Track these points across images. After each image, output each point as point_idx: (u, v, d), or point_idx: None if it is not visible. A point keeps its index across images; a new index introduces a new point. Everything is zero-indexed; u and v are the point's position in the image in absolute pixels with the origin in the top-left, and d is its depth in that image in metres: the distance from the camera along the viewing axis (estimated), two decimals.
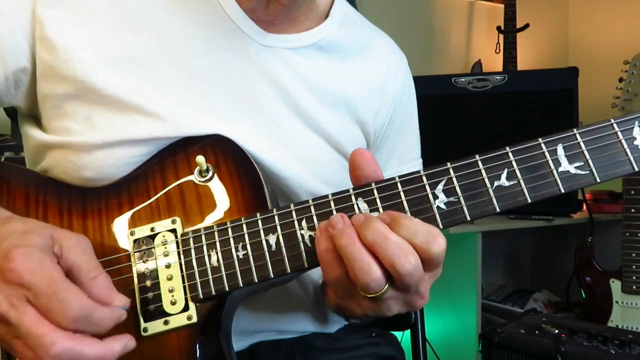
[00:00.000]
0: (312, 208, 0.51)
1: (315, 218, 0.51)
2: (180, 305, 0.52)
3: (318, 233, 0.49)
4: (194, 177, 0.57)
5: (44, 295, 0.42)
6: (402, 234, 0.46)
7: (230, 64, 0.63)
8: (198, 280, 0.52)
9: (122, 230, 0.55)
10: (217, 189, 0.56)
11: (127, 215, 0.56)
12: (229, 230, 0.53)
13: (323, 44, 0.69)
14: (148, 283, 0.53)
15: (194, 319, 0.52)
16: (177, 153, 0.58)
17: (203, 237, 0.53)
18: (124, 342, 0.46)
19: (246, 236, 0.52)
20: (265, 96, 0.64)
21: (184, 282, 0.53)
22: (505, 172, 0.49)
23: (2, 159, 1.21)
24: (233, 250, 0.52)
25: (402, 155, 0.79)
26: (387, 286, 0.46)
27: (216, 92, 0.62)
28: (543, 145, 0.49)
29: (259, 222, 0.52)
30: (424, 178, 0.50)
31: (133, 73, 0.59)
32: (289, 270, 0.51)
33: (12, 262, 0.42)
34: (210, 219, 0.55)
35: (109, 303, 0.45)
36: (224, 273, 0.52)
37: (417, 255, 0.45)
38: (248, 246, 0.52)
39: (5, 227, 0.46)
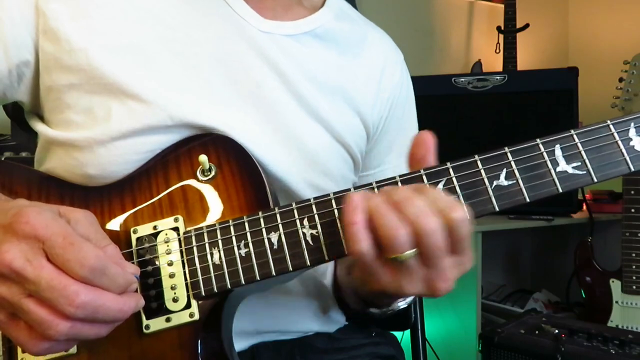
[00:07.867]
0: (314, 207, 0.52)
1: (316, 217, 0.52)
2: (182, 302, 0.53)
3: (345, 206, 0.47)
4: (197, 176, 0.57)
5: (60, 247, 0.42)
6: (424, 199, 0.46)
7: (229, 51, 0.64)
8: (200, 277, 0.53)
9: (124, 228, 0.56)
10: (220, 188, 0.57)
11: (130, 213, 0.57)
12: (231, 228, 0.53)
13: (320, 32, 0.70)
14: (150, 280, 0.53)
15: (196, 316, 0.53)
16: (179, 152, 0.58)
17: (205, 235, 0.54)
18: (137, 299, 0.46)
19: (248, 234, 0.53)
20: (265, 83, 0.65)
21: (186, 280, 0.53)
22: (504, 171, 0.50)
23: (2, 159, 1.21)
24: (235, 248, 0.53)
25: (401, 150, 0.79)
26: (412, 250, 0.45)
27: (216, 79, 0.63)
28: (541, 146, 0.50)
29: (261, 220, 0.53)
30: (424, 177, 0.51)
31: (133, 61, 0.60)
32: (290, 269, 0.52)
33: (25, 216, 0.42)
34: (213, 218, 0.56)
35: (122, 268, 0.46)
36: (226, 271, 0.52)
37: (440, 219, 0.45)
38: (250, 244, 0.52)
39: (11, 203, 0.47)
